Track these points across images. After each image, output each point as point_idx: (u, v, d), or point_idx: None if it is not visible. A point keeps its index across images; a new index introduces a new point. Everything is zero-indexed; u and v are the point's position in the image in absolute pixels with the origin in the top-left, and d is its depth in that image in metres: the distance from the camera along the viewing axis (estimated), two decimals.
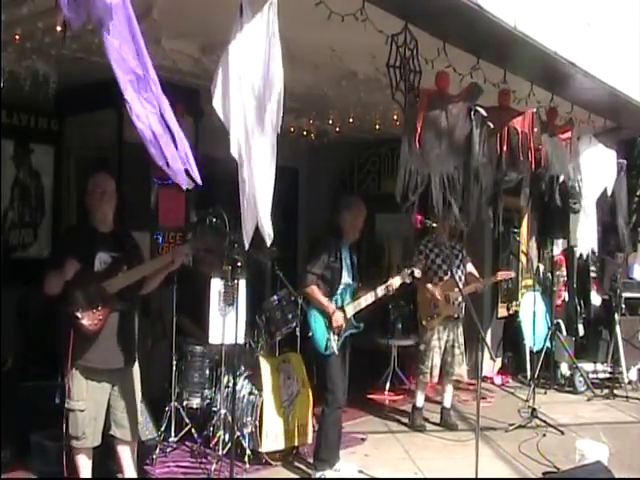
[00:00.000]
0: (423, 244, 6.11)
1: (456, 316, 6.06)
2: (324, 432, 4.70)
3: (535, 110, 5.39)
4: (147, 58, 2.57)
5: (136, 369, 4.05)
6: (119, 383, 3.95)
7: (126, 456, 4.06)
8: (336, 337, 4.67)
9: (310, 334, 4.68)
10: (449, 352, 6.08)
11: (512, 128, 5.15)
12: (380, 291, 4.93)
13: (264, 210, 3.28)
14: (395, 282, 4.99)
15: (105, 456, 4.13)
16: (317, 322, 4.68)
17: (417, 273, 5.18)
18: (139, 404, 4.10)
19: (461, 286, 5.63)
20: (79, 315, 3.68)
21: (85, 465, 3.91)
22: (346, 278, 4.84)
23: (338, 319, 4.66)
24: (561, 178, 6.00)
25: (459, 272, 6.04)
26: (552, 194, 5.92)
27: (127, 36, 2.50)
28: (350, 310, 4.78)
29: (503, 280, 6.04)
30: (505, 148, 5.10)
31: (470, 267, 6.20)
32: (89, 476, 3.92)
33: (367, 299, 4.86)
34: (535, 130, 5.30)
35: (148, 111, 2.62)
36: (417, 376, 6.24)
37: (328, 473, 4.63)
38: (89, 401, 3.82)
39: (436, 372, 6.06)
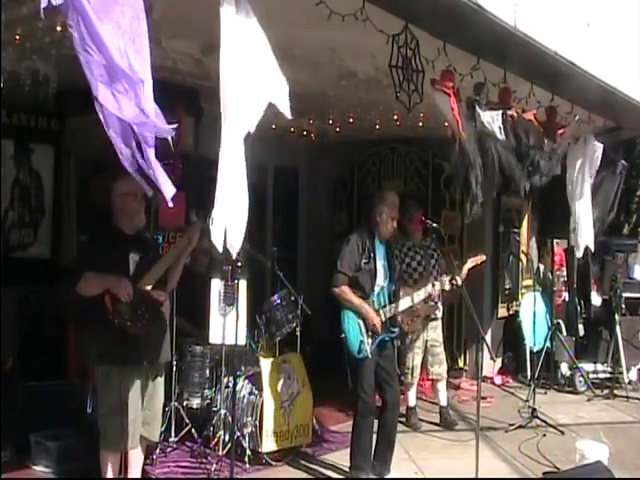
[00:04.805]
0: (398, 248, 5.94)
1: (433, 316, 6.06)
2: (356, 440, 4.54)
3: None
4: (113, 46, 2.30)
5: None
6: (153, 381, 3.92)
7: (137, 457, 3.99)
8: (370, 340, 4.48)
9: (343, 336, 4.48)
10: (429, 351, 6.13)
11: None
12: (418, 296, 4.78)
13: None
14: (435, 288, 4.88)
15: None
16: (350, 324, 4.49)
17: (459, 280, 4.94)
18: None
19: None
20: (129, 323, 3.63)
21: (114, 469, 3.82)
22: (381, 280, 4.63)
23: (374, 318, 4.48)
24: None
25: (434, 272, 5.94)
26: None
27: (89, 25, 2.22)
28: (386, 313, 4.58)
29: (476, 265, 5.85)
30: None
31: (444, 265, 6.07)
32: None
33: (405, 303, 4.70)
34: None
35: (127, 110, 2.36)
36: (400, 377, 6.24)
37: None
38: (127, 404, 3.70)
39: (417, 373, 6.12)
